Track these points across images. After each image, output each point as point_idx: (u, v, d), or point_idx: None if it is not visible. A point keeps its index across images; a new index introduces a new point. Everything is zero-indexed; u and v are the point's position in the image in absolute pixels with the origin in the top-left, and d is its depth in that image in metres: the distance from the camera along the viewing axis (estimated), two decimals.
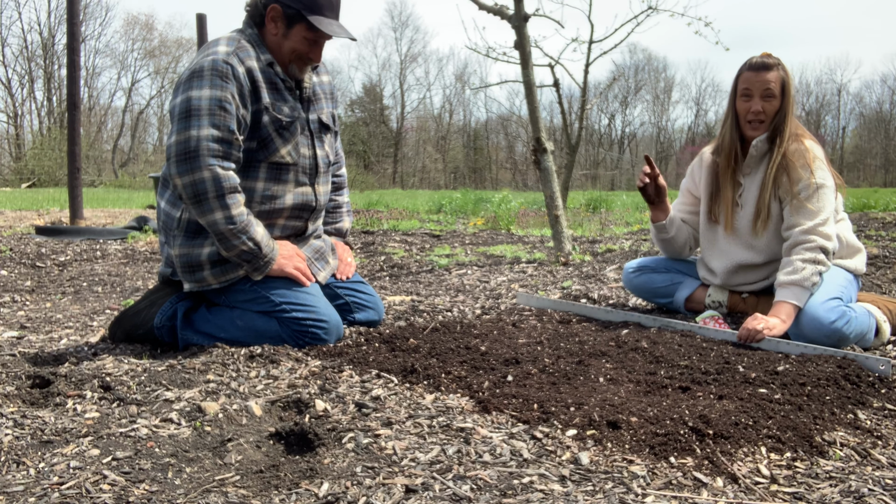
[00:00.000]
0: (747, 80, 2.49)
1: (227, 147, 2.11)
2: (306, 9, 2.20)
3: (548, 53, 8.94)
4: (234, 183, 2.12)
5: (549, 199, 4.60)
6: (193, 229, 2.21)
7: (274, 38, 2.26)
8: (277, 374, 1.89)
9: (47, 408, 1.64)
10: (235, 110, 2.12)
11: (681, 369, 1.92)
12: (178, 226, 2.22)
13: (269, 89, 2.24)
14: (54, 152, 25.77)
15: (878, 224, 7.09)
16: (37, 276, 3.95)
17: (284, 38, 2.25)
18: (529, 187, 28.19)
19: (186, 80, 2.11)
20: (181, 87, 2.11)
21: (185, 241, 2.21)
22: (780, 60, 2.49)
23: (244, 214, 2.13)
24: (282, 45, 2.25)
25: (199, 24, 7.41)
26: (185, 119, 2.07)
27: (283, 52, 2.26)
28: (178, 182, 2.07)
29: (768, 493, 1.25)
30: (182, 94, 2.10)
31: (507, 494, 1.21)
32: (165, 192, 2.27)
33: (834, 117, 45.38)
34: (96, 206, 10.81)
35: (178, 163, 2.06)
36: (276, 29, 2.24)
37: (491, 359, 2.00)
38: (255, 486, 1.26)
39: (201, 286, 2.23)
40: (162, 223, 2.29)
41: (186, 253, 2.21)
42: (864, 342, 2.30)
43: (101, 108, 38.03)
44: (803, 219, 2.41)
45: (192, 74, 2.10)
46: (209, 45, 2.20)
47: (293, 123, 2.29)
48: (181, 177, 2.06)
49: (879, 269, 3.87)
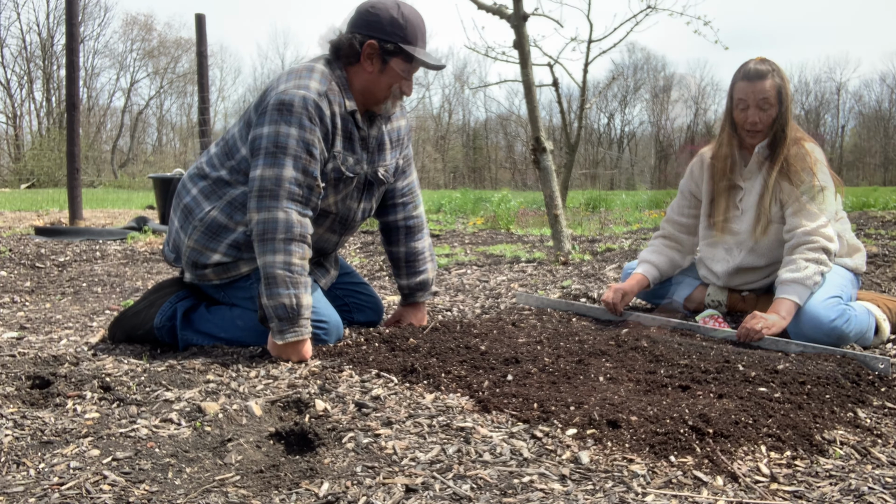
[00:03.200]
0: (742, 90, 2.46)
1: (307, 192, 2.07)
2: (403, 41, 2.15)
3: (547, 53, 8.95)
4: (306, 232, 2.05)
5: (548, 198, 4.60)
6: (214, 230, 2.16)
7: (369, 75, 2.18)
8: (277, 374, 1.89)
9: (47, 408, 1.64)
10: (319, 154, 2.09)
11: (681, 368, 1.92)
12: (202, 220, 2.16)
13: (343, 138, 2.18)
14: (53, 153, 25.77)
15: (878, 223, 7.09)
16: (36, 276, 3.95)
17: (381, 74, 2.18)
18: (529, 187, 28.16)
19: (275, 110, 2.03)
20: (269, 115, 2.04)
21: (202, 238, 2.17)
22: (775, 66, 2.46)
23: (304, 269, 2.04)
24: (378, 81, 2.18)
25: (197, 24, 7.40)
26: (273, 156, 2.01)
27: (379, 88, 2.19)
28: (254, 217, 2.02)
29: (768, 491, 1.25)
30: (270, 126, 2.03)
31: (507, 494, 1.21)
32: (201, 182, 2.22)
33: (833, 116, 45.37)
34: (95, 207, 10.81)
35: (258, 198, 2.01)
36: (373, 66, 2.17)
37: (491, 358, 2.00)
38: (256, 486, 1.26)
39: (201, 281, 2.22)
40: (184, 207, 2.23)
41: (198, 250, 2.18)
42: (864, 341, 2.30)
43: (101, 109, 38.00)
44: (806, 220, 2.41)
45: (282, 106, 2.03)
46: (300, 73, 2.11)
47: (353, 178, 2.24)
48: (258, 212, 2.01)
49: (879, 267, 3.87)
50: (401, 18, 2.14)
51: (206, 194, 2.19)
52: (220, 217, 2.14)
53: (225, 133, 2.29)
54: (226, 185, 2.17)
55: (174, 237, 2.27)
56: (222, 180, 2.17)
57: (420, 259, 2.52)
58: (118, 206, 11.39)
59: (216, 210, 2.15)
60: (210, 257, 2.16)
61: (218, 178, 2.18)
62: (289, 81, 2.07)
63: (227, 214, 2.14)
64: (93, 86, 37.21)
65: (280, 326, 1.99)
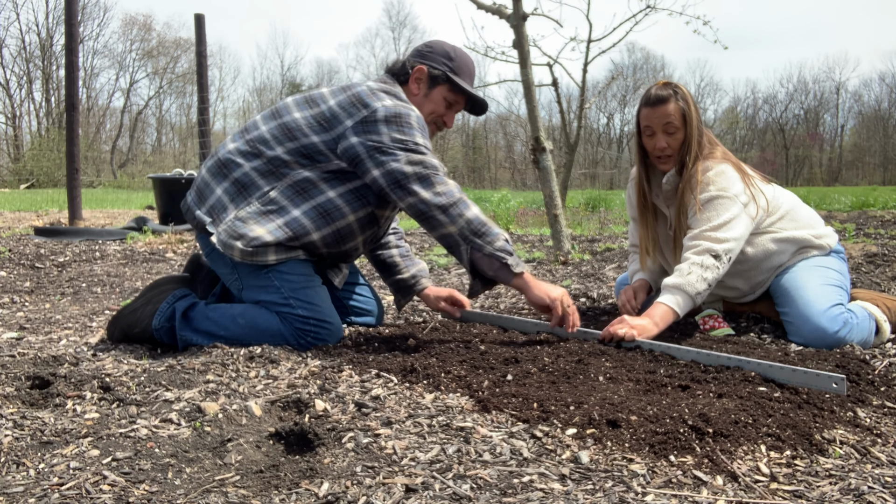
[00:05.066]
0: (646, 117, 2.44)
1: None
2: (451, 71, 2.36)
3: (546, 53, 8.95)
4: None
5: (548, 198, 4.60)
6: (268, 211, 2.20)
7: (414, 98, 2.36)
8: (277, 374, 1.89)
9: (47, 409, 1.64)
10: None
11: (680, 368, 1.92)
12: (260, 198, 2.21)
13: None
14: (53, 153, 25.76)
15: (877, 222, 7.10)
16: (36, 276, 3.95)
17: (425, 99, 2.37)
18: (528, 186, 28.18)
19: (388, 122, 2.15)
20: (382, 125, 2.15)
21: (253, 214, 2.19)
22: (678, 87, 2.43)
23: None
24: (421, 106, 2.36)
25: (197, 24, 7.40)
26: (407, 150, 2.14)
27: (422, 113, 2.34)
28: (425, 195, 2.13)
29: (768, 491, 1.25)
30: (389, 132, 2.15)
31: (507, 493, 1.22)
32: (254, 160, 2.24)
33: (832, 116, 45.43)
34: (95, 207, 10.80)
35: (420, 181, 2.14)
36: (419, 90, 2.37)
37: (490, 358, 2.00)
38: (255, 486, 1.26)
39: (226, 252, 2.19)
40: (235, 181, 2.24)
41: (245, 222, 2.18)
42: (865, 343, 2.30)
43: (100, 109, 38.03)
44: (694, 225, 2.38)
45: (396, 118, 2.16)
46: (390, 91, 2.26)
47: None
48: (427, 190, 2.14)
49: (878, 266, 3.87)
50: (452, 53, 2.39)
51: (263, 173, 2.23)
52: (280, 198, 2.20)
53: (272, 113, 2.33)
54: (284, 166, 2.22)
55: (214, 203, 2.27)
56: (280, 160, 2.22)
57: (410, 255, 2.72)
58: (118, 207, 11.39)
59: (276, 191, 2.21)
60: (253, 231, 2.17)
61: (274, 158, 2.22)
62: (385, 99, 2.21)
63: (287, 197, 2.21)
64: (92, 86, 37.27)
65: (515, 261, 2.16)
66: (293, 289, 2.20)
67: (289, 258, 2.22)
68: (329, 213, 2.22)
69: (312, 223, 2.21)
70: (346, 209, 2.24)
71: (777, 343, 2.33)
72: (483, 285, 2.21)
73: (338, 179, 2.23)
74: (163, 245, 5.36)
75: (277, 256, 2.20)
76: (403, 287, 2.65)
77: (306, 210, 2.20)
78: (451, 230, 2.14)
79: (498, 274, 2.14)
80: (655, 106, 2.41)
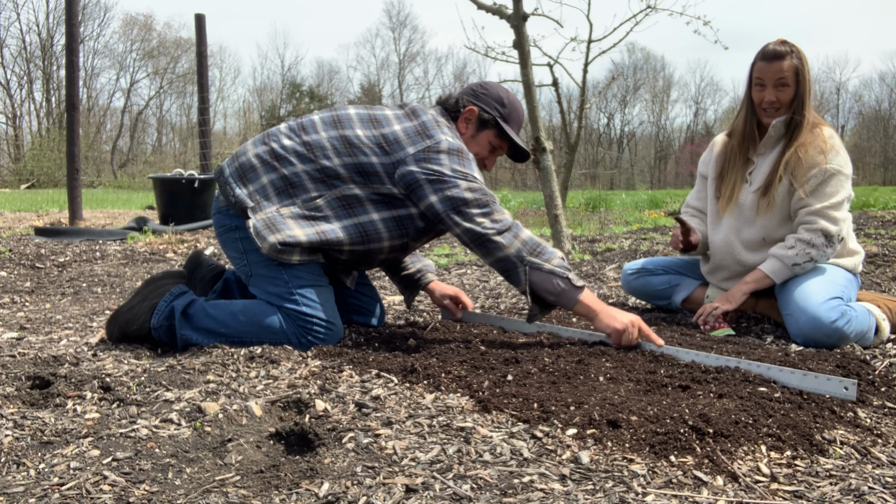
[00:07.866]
0: (760, 70, 2.49)
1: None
2: (502, 118, 2.40)
3: (547, 53, 8.92)
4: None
5: (548, 198, 4.60)
6: (310, 216, 2.22)
7: (461, 136, 2.40)
8: (277, 374, 1.89)
9: (47, 409, 1.64)
10: None
11: (680, 368, 1.92)
12: (306, 201, 2.23)
13: None
14: (53, 153, 25.77)
15: (878, 222, 7.10)
16: (36, 277, 3.95)
17: (471, 139, 2.41)
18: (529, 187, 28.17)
19: (450, 155, 2.20)
20: (444, 157, 2.19)
21: (295, 215, 2.22)
22: (795, 47, 2.48)
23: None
24: (467, 145, 2.39)
25: (197, 24, 7.41)
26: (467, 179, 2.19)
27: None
28: (485, 222, 2.17)
29: (768, 491, 1.25)
30: (450, 164, 2.19)
31: (507, 494, 1.21)
32: (308, 164, 2.25)
33: (833, 116, 45.38)
34: (95, 207, 10.81)
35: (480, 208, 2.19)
36: (466, 129, 2.41)
37: (491, 358, 2.00)
38: (256, 487, 1.26)
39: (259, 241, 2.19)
40: (285, 177, 2.25)
41: (285, 220, 2.20)
42: (864, 341, 2.30)
43: (100, 109, 38.03)
44: (812, 200, 2.42)
45: (462, 153, 2.23)
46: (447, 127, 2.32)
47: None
48: (487, 217, 2.18)
49: (879, 267, 3.87)
50: (506, 99, 2.42)
51: (314, 178, 2.25)
52: (325, 207, 2.23)
53: (333, 121, 2.32)
54: (337, 178, 2.24)
55: (258, 189, 2.27)
56: (334, 171, 2.24)
57: (415, 252, 2.73)
58: (118, 207, 11.39)
59: (323, 199, 2.24)
60: (291, 229, 2.19)
61: (328, 168, 2.24)
62: (448, 132, 2.29)
63: (332, 208, 2.24)
64: (93, 86, 37.27)
65: (576, 278, 2.18)
66: (301, 285, 2.22)
67: (311, 260, 2.25)
68: (368, 234, 2.26)
69: (349, 238, 2.24)
70: (385, 234, 2.28)
71: (777, 343, 2.33)
72: (541, 310, 2.23)
73: (384, 203, 2.26)
74: (163, 245, 5.36)
75: (301, 258, 2.23)
76: (410, 282, 2.68)
77: (347, 225, 2.23)
78: (508, 252, 2.16)
79: (560, 297, 2.15)
80: (772, 61, 2.47)
